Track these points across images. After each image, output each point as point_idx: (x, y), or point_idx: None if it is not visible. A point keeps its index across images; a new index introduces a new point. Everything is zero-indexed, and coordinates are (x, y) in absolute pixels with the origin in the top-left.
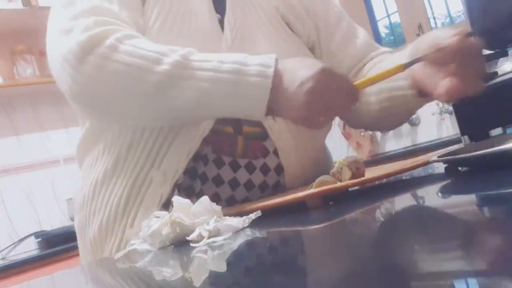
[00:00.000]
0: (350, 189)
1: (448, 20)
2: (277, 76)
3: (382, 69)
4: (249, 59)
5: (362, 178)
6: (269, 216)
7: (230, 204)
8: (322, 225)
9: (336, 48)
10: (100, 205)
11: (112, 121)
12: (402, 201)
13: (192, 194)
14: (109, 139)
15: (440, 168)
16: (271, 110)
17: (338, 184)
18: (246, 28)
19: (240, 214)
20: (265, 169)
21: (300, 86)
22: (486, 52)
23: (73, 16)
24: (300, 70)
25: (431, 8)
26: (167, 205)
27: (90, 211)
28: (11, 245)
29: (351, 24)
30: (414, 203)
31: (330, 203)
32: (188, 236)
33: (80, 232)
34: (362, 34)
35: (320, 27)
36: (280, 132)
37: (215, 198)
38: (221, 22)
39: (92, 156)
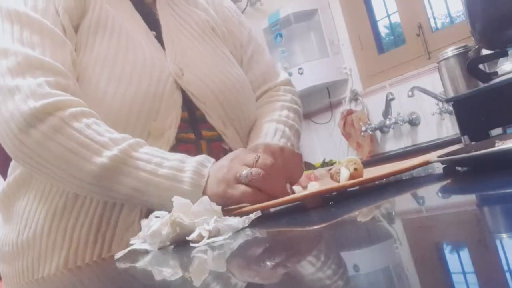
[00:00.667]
0: (349, 189)
1: (448, 20)
2: (208, 186)
3: (261, 115)
4: (186, 164)
5: (362, 178)
6: (269, 216)
7: None
8: (322, 225)
9: (243, 69)
10: (62, 238)
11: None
12: (402, 201)
13: None
14: None
15: (440, 168)
16: None
17: (337, 184)
18: (182, 41)
19: (240, 214)
20: None
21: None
22: (486, 52)
23: (8, 70)
24: (218, 170)
25: (431, 8)
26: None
27: (46, 248)
28: None
29: (258, 49)
30: (414, 203)
31: (330, 203)
32: (188, 236)
33: (21, 275)
34: (267, 60)
35: (236, 46)
36: (232, 134)
37: None
38: (157, 38)
39: (33, 196)
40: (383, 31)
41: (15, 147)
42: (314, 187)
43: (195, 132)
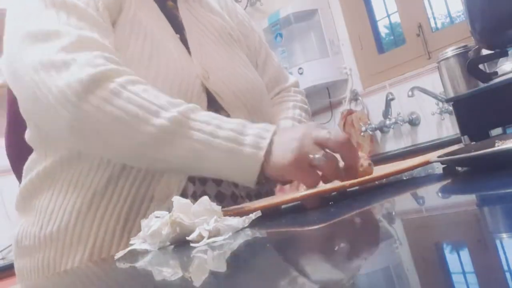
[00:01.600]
0: (349, 189)
1: (448, 20)
2: (269, 149)
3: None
4: (247, 128)
5: (362, 178)
6: (269, 216)
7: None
8: (322, 225)
9: (258, 72)
10: (88, 231)
11: (107, 157)
12: (402, 201)
13: None
14: (94, 165)
15: (440, 168)
16: (260, 179)
17: (336, 185)
18: (204, 45)
19: (240, 214)
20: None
21: (283, 158)
22: (486, 52)
23: (62, 48)
24: (287, 142)
25: (431, 8)
26: None
27: (72, 242)
28: (11, 245)
29: (268, 52)
30: (414, 203)
31: (330, 203)
32: (188, 236)
33: (40, 270)
34: (277, 63)
35: (250, 50)
36: None
37: None
38: (181, 41)
39: (58, 190)
40: (383, 31)
41: (72, 115)
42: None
43: None
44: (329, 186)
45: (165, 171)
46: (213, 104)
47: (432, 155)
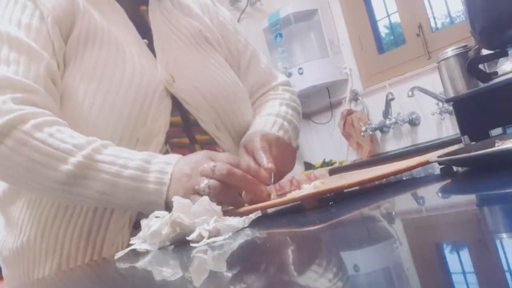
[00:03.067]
0: (349, 189)
1: (448, 20)
2: (169, 183)
3: (260, 110)
4: (151, 164)
5: (362, 178)
6: (269, 216)
7: None
8: (322, 225)
9: (241, 74)
10: (54, 244)
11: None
12: (402, 201)
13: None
14: None
15: (440, 168)
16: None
17: (336, 185)
18: (173, 49)
19: (240, 214)
20: None
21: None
22: (486, 52)
23: None
24: (180, 177)
25: (431, 8)
26: (137, 226)
27: (40, 254)
28: None
29: (255, 54)
30: (414, 203)
31: (330, 203)
32: (188, 236)
33: (19, 280)
34: (265, 64)
35: (232, 52)
36: (225, 137)
37: None
38: (149, 46)
39: (26, 204)
40: (383, 31)
41: None
42: (309, 188)
43: (189, 136)
44: (327, 187)
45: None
46: (180, 109)
47: (432, 155)
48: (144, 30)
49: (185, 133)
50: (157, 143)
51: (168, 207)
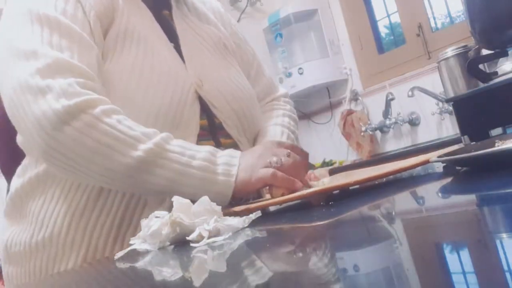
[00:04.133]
0: (351, 187)
1: (448, 20)
2: (239, 172)
3: (266, 120)
4: (217, 157)
5: (362, 178)
6: (269, 216)
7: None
8: (322, 224)
9: (251, 82)
10: (81, 237)
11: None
12: (402, 200)
13: None
14: None
15: (440, 167)
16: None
17: (341, 183)
18: (198, 54)
19: (240, 214)
20: None
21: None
22: (486, 52)
23: (37, 71)
24: (250, 160)
25: (431, 8)
26: None
27: (64, 248)
28: None
29: (260, 63)
30: (414, 202)
31: (330, 203)
32: (188, 236)
33: (32, 276)
34: (268, 74)
35: (244, 61)
36: (245, 142)
37: None
38: (175, 49)
39: (50, 196)
40: (383, 31)
41: (48, 145)
42: (322, 183)
43: (214, 139)
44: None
45: (145, 195)
46: (206, 112)
47: (432, 155)
48: (169, 33)
49: (211, 136)
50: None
51: (234, 197)
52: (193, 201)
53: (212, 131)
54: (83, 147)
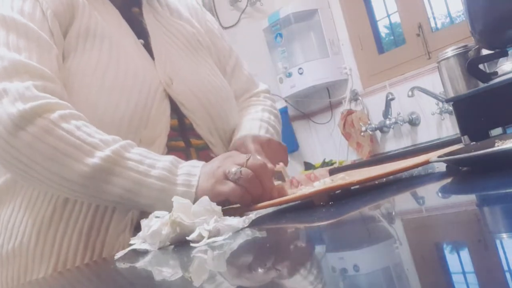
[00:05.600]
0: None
1: (448, 20)
2: (200, 182)
3: (244, 115)
4: (178, 168)
5: (363, 177)
6: (269, 216)
7: None
8: (321, 225)
9: (226, 79)
10: (50, 247)
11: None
12: (402, 200)
13: None
14: None
15: (440, 167)
16: None
17: (344, 182)
18: (169, 51)
19: (240, 214)
20: None
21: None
22: (486, 52)
23: None
24: (209, 168)
25: (431, 8)
26: (139, 228)
27: (34, 258)
28: None
29: (238, 60)
30: (414, 203)
31: (330, 203)
32: (188, 236)
33: (5, 286)
34: (246, 71)
35: (219, 57)
36: (218, 143)
37: None
38: (144, 47)
39: (18, 205)
40: (383, 31)
41: (3, 150)
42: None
43: (185, 140)
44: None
45: (102, 204)
46: (177, 112)
47: (432, 155)
48: (139, 30)
49: (180, 136)
50: (159, 145)
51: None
52: (180, 134)
53: (182, 132)
54: (38, 154)
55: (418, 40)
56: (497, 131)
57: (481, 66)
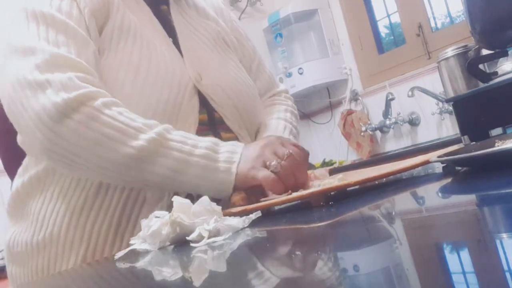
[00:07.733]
0: (350, 188)
1: (448, 20)
2: (241, 161)
3: (268, 114)
4: (220, 146)
5: (363, 178)
6: (269, 216)
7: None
8: (322, 225)
9: (251, 77)
10: (80, 236)
11: (84, 177)
12: (402, 200)
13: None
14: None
15: (440, 168)
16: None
17: (342, 182)
18: (196, 49)
19: (240, 214)
20: None
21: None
22: (486, 52)
23: (36, 67)
24: (251, 153)
25: (431, 8)
26: None
27: (64, 247)
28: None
29: (261, 59)
30: (414, 203)
31: (330, 203)
32: (188, 236)
33: (35, 276)
34: (268, 70)
35: (245, 56)
36: (246, 136)
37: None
38: (174, 45)
39: (50, 195)
40: (383, 31)
41: (48, 139)
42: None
43: (215, 134)
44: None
45: (145, 189)
46: (206, 106)
47: (432, 155)
48: (168, 29)
49: (211, 131)
50: None
51: (236, 187)
52: (193, 197)
53: (212, 126)
54: (84, 140)
55: (418, 40)
56: (497, 131)
57: (481, 66)
